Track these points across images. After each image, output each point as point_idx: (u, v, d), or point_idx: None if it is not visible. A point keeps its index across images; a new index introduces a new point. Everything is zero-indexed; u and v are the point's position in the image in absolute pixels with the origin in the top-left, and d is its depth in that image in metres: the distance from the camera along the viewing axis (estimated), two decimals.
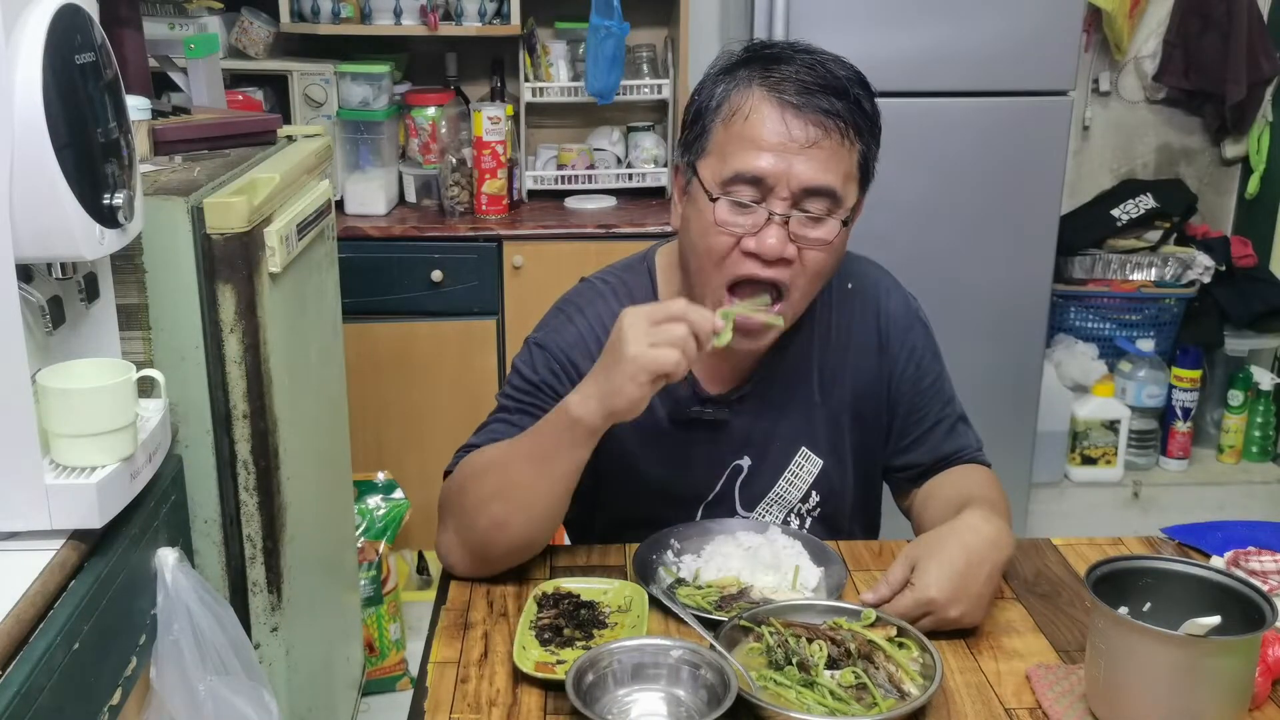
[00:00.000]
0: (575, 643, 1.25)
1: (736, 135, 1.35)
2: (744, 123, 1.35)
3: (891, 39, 2.79)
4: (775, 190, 1.34)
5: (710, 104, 1.39)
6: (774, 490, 1.55)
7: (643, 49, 3.20)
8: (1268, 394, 3.49)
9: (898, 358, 1.55)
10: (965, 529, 1.31)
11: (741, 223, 1.36)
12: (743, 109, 1.35)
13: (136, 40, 1.90)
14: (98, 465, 1.23)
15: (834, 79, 1.35)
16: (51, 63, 1.13)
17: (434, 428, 2.93)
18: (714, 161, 1.37)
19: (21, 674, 1.03)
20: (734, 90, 1.37)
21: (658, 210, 3.08)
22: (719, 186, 1.36)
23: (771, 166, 1.33)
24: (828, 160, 1.34)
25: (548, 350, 1.49)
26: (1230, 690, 1.09)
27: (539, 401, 1.46)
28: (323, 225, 1.92)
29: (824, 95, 1.34)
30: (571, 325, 1.51)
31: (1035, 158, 2.91)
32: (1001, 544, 1.31)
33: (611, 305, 1.50)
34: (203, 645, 1.37)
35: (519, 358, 1.52)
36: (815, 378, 1.54)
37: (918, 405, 1.57)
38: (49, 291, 1.26)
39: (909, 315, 1.58)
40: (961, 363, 1.60)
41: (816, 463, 1.55)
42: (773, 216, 1.34)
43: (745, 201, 1.35)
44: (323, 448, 1.99)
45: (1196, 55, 3.46)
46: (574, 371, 1.46)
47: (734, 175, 1.35)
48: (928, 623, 1.26)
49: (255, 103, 2.76)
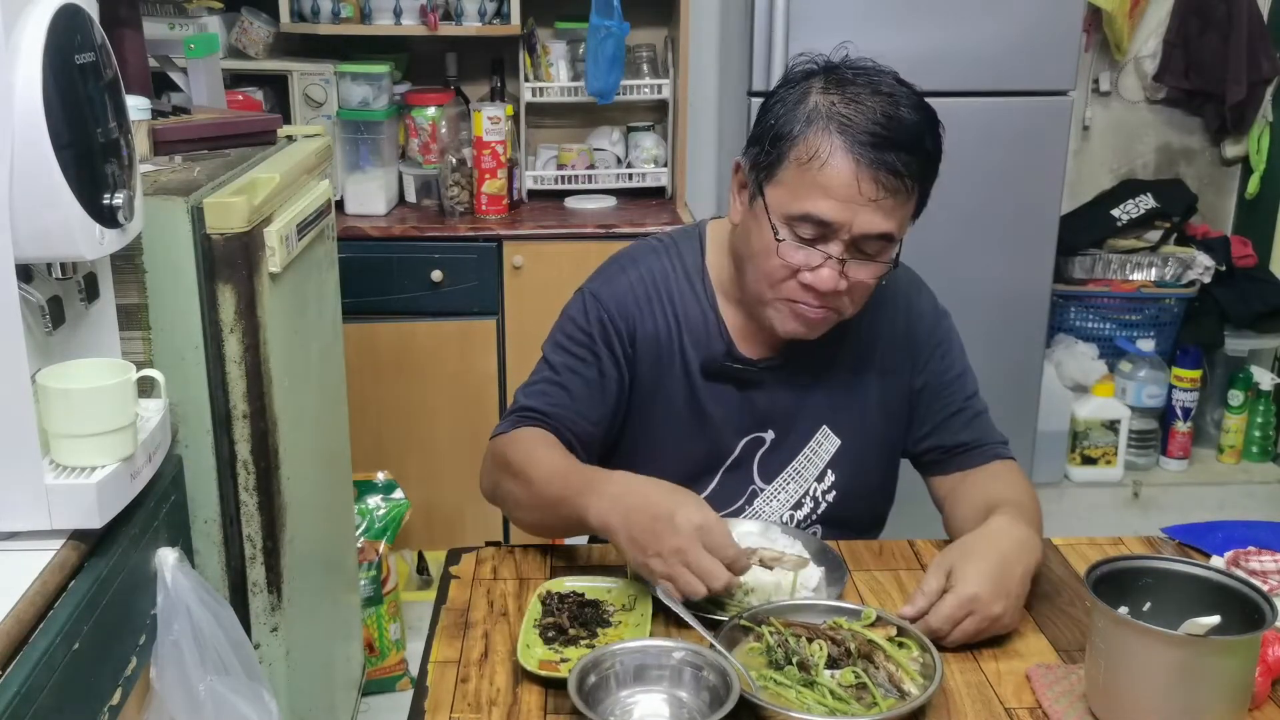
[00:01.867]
0: (579, 641, 1.26)
1: (810, 180, 1.40)
2: (819, 170, 1.39)
3: (891, 39, 2.78)
4: (837, 234, 1.41)
5: (787, 132, 1.42)
6: (792, 465, 1.59)
7: (643, 49, 3.20)
8: (1268, 394, 3.49)
9: (925, 350, 1.62)
10: (995, 533, 1.36)
11: (800, 260, 1.43)
12: (819, 155, 1.39)
13: (136, 40, 1.90)
14: (98, 465, 1.23)
15: (906, 131, 1.39)
16: (51, 63, 1.13)
17: (434, 428, 2.93)
18: (783, 195, 1.43)
19: (21, 674, 1.03)
20: (811, 131, 1.40)
21: (657, 210, 3.08)
22: (783, 221, 1.43)
23: (837, 215, 1.39)
24: (890, 211, 1.41)
25: (600, 300, 1.57)
26: (1230, 690, 1.09)
27: (586, 353, 1.56)
28: (323, 225, 1.92)
29: (894, 152, 1.38)
30: (624, 275, 1.59)
31: (1035, 158, 2.91)
32: (1031, 546, 1.36)
33: (663, 262, 1.60)
34: (203, 645, 1.37)
35: (571, 306, 1.61)
36: (843, 361, 1.59)
37: (941, 394, 1.62)
38: (49, 291, 1.26)
39: (936, 313, 1.65)
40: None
41: (835, 442, 1.60)
42: (830, 259, 1.42)
43: (806, 240, 1.42)
44: (323, 448, 1.99)
45: (1196, 55, 3.46)
46: (619, 324, 1.56)
47: (802, 215, 1.41)
48: (970, 624, 1.26)
49: (255, 103, 2.76)
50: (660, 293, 1.57)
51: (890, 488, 1.70)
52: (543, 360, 1.60)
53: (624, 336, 1.56)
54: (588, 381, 1.55)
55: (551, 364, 1.58)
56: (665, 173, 3.21)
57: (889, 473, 1.68)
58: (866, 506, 1.66)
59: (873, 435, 1.62)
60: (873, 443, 1.62)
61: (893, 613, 1.29)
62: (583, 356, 1.56)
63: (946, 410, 1.62)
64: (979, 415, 1.63)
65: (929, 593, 1.29)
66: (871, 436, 1.62)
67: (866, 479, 1.63)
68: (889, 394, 1.62)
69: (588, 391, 1.55)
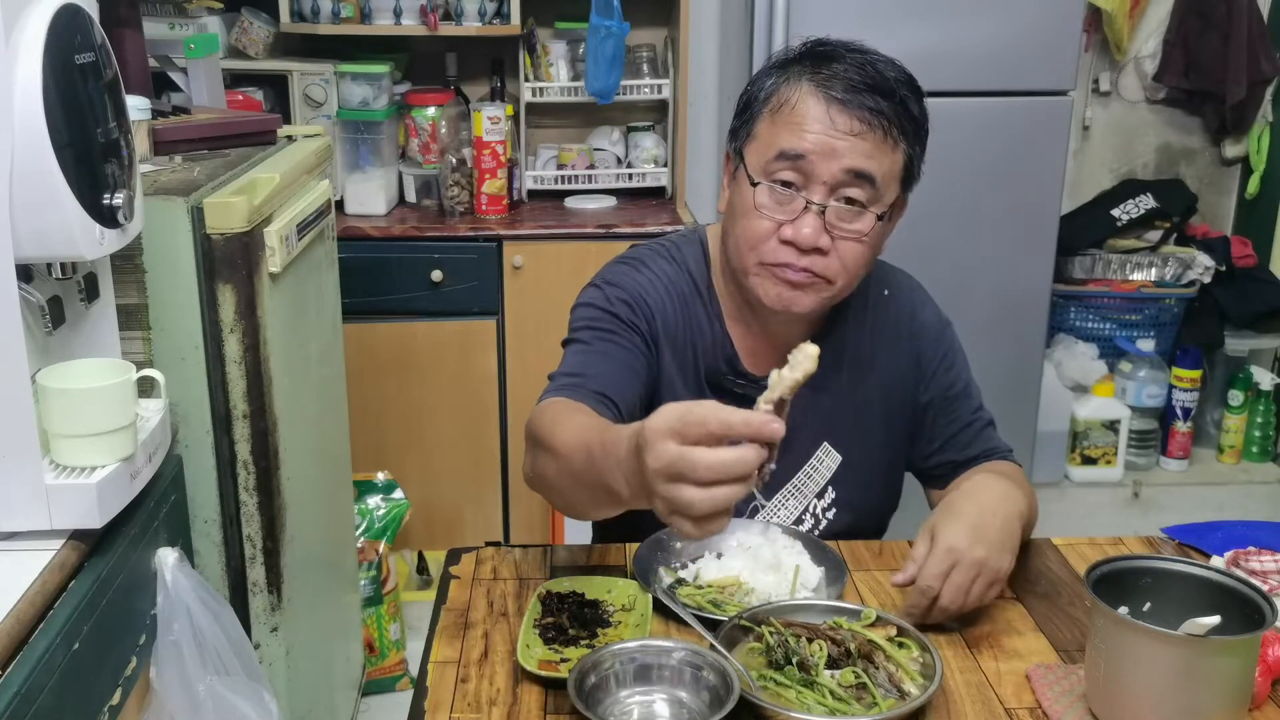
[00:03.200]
0: (579, 641, 1.25)
1: (783, 121, 1.40)
2: (790, 111, 1.39)
3: (891, 39, 2.74)
4: (816, 174, 1.38)
5: (760, 95, 1.44)
6: (792, 481, 1.57)
7: (643, 49, 3.20)
8: (1268, 394, 3.49)
9: (930, 365, 1.59)
10: (973, 487, 1.38)
11: (780, 210, 1.40)
12: (790, 100, 1.39)
13: (136, 40, 1.90)
14: (97, 465, 1.23)
15: (882, 79, 1.39)
16: (51, 63, 1.13)
17: (434, 428, 2.93)
18: (759, 146, 1.42)
19: (21, 674, 1.03)
20: (784, 84, 1.41)
21: (657, 210, 3.08)
22: (762, 170, 1.41)
23: (814, 146, 1.37)
24: (870, 150, 1.38)
25: (620, 287, 1.52)
26: (1230, 690, 1.09)
27: (616, 326, 1.48)
28: (323, 225, 1.92)
29: (870, 94, 1.37)
30: (638, 274, 1.54)
31: (1035, 158, 2.91)
32: (1012, 497, 1.36)
33: (670, 266, 1.55)
34: (203, 645, 1.37)
35: (586, 296, 1.54)
36: (845, 377, 1.57)
37: (948, 409, 1.60)
38: (49, 291, 1.26)
39: (940, 324, 1.63)
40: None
41: (836, 458, 1.57)
42: (810, 205, 1.38)
43: (787, 181, 1.39)
44: (323, 448, 1.99)
45: (1196, 55, 3.46)
46: (645, 309, 1.50)
47: (778, 154, 1.39)
48: (960, 575, 1.26)
49: (255, 103, 2.76)
50: (673, 294, 1.53)
51: (892, 502, 1.67)
52: (567, 346, 1.49)
53: (648, 320, 1.51)
54: (621, 348, 1.46)
55: (579, 340, 1.48)
56: (665, 173, 3.21)
57: (891, 488, 1.66)
58: (868, 521, 1.63)
59: (875, 452, 1.59)
60: (875, 459, 1.60)
61: (891, 611, 1.29)
62: (612, 329, 1.48)
63: (955, 425, 1.60)
64: (987, 426, 1.62)
65: (917, 557, 1.29)
66: (873, 453, 1.59)
67: (868, 495, 1.61)
68: (892, 410, 1.59)
69: (622, 355, 1.46)
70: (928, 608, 1.28)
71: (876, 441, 1.59)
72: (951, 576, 1.27)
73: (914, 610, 1.29)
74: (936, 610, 1.28)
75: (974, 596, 1.28)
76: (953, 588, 1.27)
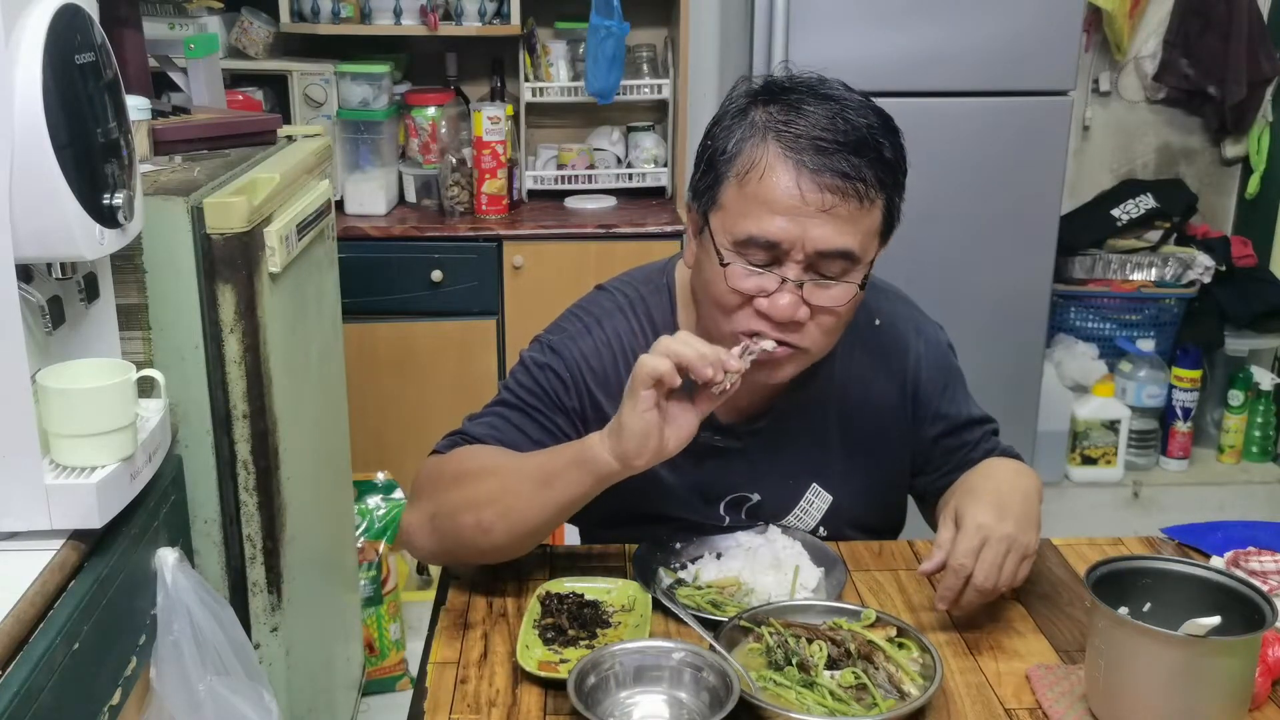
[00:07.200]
0: (579, 642, 1.25)
1: (750, 196, 1.27)
2: (757, 183, 1.27)
3: (891, 39, 2.79)
4: (790, 254, 1.27)
5: (723, 153, 1.30)
6: (783, 522, 1.50)
7: (643, 49, 3.20)
8: (1268, 394, 3.49)
9: (933, 400, 1.52)
10: (986, 468, 1.41)
11: (753, 285, 1.30)
12: (757, 167, 1.27)
13: (136, 40, 1.90)
14: (97, 465, 1.23)
15: (853, 131, 1.27)
16: (51, 63, 1.13)
17: (434, 428, 2.89)
18: (726, 218, 1.30)
19: (21, 674, 1.03)
20: (748, 143, 1.28)
21: (657, 210, 3.08)
22: (731, 247, 1.30)
23: (784, 232, 1.26)
24: (845, 223, 1.27)
25: (561, 356, 1.44)
26: (1230, 690, 1.09)
27: (541, 405, 1.43)
28: (323, 225, 1.92)
29: (841, 155, 1.25)
30: (589, 336, 1.46)
31: (1035, 158, 2.91)
32: (1024, 473, 1.40)
33: (630, 323, 1.46)
34: (203, 645, 1.37)
35: (529, 352, 1.48)
36: (834, 415, 1.49)
37: (958, 435, 1.53)
38: (49, 291, 1.26)
39: (939, 352, 1.54)
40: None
41: (827, 499, 1.51)
42: (785, 282, 1.28)
43: (757, 267, 1.29)
44: (323, 448, 1.99)
45: (1196, 55, 3.46)
46: (582, 386, 1.43)
47: (747, 239, 1.28)
48: (991, 552, 1.24)
49: (255, 103, 2.76)
50: (628, 357, 1.41)
51: (891, 526, 1.60)
52: (495, 400, 1.48)
53: (581, 397, 1.43)
54: (540, 427, 1.43)
55: (505, 402, 1.46)
56: (665, 173, 3.21)
57: (888, 518, 1.59)
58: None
59: (866, 491, 1.52)
60: (868, 499, 1.53)
61: (892, 612, 1.29)
62: (534, 410, 1.43)
63: (966, 449, 1.53)
64: (992, 436, 1.57)
65: (943, 542, 1.27)
66: (865, 493, 1.52)
67: (862, 528, 1.55)
68: (888, 448, 1.52)
69: (539, 436, 1.42)
70: (961, 589, 1.25)
71: (868, 481, 1.52)
72: (983, 554, 1.25)
73: (946, 595, 1.26)
74: (970, 591, 1.25)
75: (1007, 574, 1.26)
76: (985, 565, 1.24)
